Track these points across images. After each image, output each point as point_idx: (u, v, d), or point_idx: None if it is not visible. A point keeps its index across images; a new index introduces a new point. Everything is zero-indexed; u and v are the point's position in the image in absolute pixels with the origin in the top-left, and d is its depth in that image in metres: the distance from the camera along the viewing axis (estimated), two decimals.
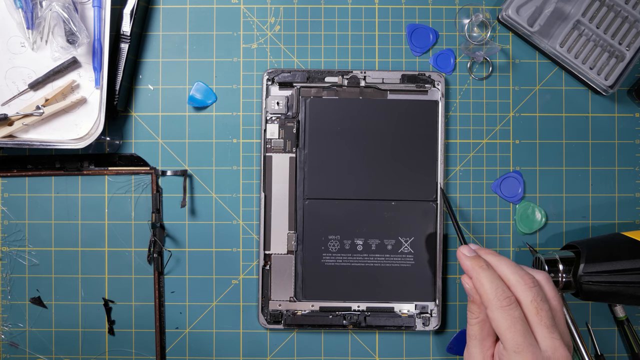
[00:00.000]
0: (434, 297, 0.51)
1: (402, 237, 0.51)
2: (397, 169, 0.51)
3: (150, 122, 0.53)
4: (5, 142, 0.49)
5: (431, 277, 0.51)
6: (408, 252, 0.51)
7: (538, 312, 0.40)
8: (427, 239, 0.51)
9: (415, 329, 0.51)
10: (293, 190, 0.52)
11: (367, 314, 0.52)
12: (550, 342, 0.40)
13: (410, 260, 0.51)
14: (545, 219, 0.53)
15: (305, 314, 0.52)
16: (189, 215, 0.53)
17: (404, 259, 0.51)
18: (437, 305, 0.52)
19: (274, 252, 0.52)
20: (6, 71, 0.51)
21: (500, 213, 0.53)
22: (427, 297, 0.51)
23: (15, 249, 0.53)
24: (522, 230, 0.53)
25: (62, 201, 0.53)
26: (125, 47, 0.51)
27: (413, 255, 0.51)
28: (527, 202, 0.53)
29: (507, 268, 0.42)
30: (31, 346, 0.53)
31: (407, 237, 0.51)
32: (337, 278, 0.51)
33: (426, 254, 0.51)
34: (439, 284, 0.51)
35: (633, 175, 0.54)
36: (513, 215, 0.53)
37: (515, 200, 0.53)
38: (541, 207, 0.53)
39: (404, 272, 0.51)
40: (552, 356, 0.39)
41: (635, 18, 0.51)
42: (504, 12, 0.51)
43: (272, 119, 0.52)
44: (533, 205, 0.53)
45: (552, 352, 0.39)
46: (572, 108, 0.54)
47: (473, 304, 0.43)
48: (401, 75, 0.52)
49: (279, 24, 0.53)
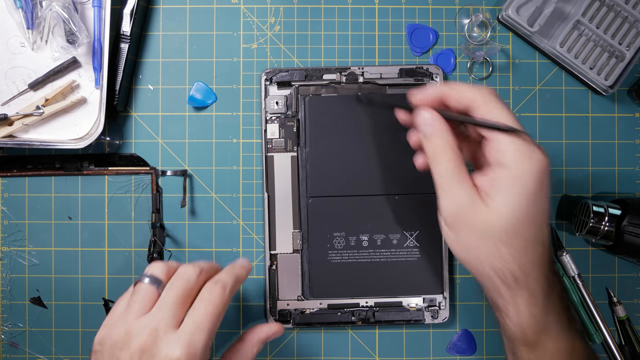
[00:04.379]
0: (442, 289, 0.51)
1: (407, 231, 0.51)
2: (398, 162, 0.51)
3: (150, 122, 0.53)
4: (5, 142, 0.49)
5: (438, 269, 0.51)
6: (414, 246, 0.51)
7: (504, 106, 0.38)
8: (431, 232, 0.51)
9: (424, 322, 0.51)
10: (296, 189, 0.52)
11: (375, 310, 0.52)
12: (524, 135, 0.36)
13: (416, 254, 0.51)
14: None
15: (313, 312, 0.52)
16: (189, 215, 0.53)
17: (410, 253, 0.51)
18: (445, 298, 0.52)
19: (280, 251, 0.52)
20: (6, 71, 0.51)
21: None
22: (434, 290, 0.51)
23: (15, 249, 0.53)
24: None
25: (62, 201, 0.53)
26: (125, 47, 0.51)
27: (419, 248, 0.51)
28: None
29: (463, 86, 0.39)
30: (31, 346, 0.53)
31: (412, 230, 0.51)
32: (344, 275, 0.51)
33: (432, 247, 0.51)
34: (446, 276, 0.51)
35: (633, 175, 0.54)
36: None
37: None
38: None
39: (411, 266, 0.51)
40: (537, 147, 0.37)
41: (635, 18, 0.51)
42: (504, 12, 0.51)
43: (271, 118, 0.52)
44: None
45: (532, 142, 0.37)
46: (572, 108, 0.54)
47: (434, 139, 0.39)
48: (399, 70, 0.52)
49: (279, 24, 0.53)
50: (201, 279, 0.40)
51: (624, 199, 0.50)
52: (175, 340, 0.36)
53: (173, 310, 0.38)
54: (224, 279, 0.40)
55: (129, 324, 0.38)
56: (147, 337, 0.37)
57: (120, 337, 0.37)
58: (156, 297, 0.39)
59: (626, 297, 0.53)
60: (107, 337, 0.38)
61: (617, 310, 0.53)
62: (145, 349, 0.36)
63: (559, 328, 0.38)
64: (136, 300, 0.39)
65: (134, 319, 0.38)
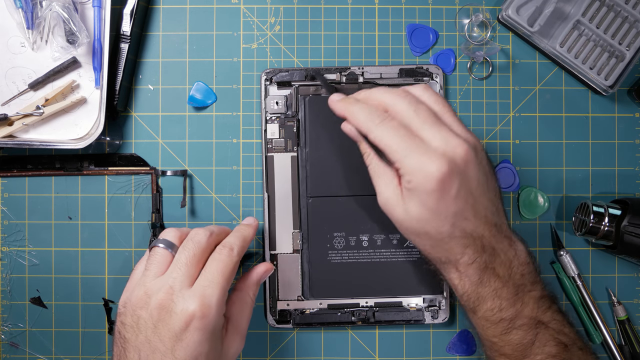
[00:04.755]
0: (442, 289, 0.51)
1: None
2: None
3: (150, 122, 0.53)
4: (5, 142, 0.49)
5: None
6: (414, 246, 0.51)
7: (417, 113, 0.40)
8: None
9: (424, 322, 0.51)
10: (296, 189, 0.52)
11: (375, 310, 0.52)
12: (440, 137, 0.39)
13: (416, 254, 0.51)
14: (548, 204, 0.53)
15: (313, 312, 0.52)
16: (189, 215, 0.53)
17: (410, 253, 0.51)
18: (445, 298, 0.52)
19: (280, 251, 0.52)
20: (6, 71, 0.51)
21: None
22: (434, 290, 0.51)
23: (15, 249, 0.53)
24: (525, 216, 0.53)
25: (62, 201, 0.53)
26: (125, 47, 0.51)
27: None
28: (530, 188, 0.53)
29: (378, 93, 0.42)
30: (31, 346, 0.53)
31: None
32: (344, 275, 0.51)
33: None
34: None
35: (633, 175, 0.54)
36: (514, 204, 0.53)
37: (514, 189, 0.53)
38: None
39: (411, 266, 0.51)
40: (446, 148, 0.39)
41: (635, 18, 0.51)
42: (504, 12, 0.51)
43: (271, 118, 0.52)
44: (535, 190, 0.53)
45: (445, 145, 0.39)
46: (572, 108, 0.54)
47: (362, 143, 0.43)
48: (399, 70, 0.52)
49: (279, 24, 0.53)
50: (212, 241, 0.43)
51: (624, 199, 0.50)
52: (190, 295, 0.40)
53: (186, 269, 0.41)
54: (232, 241, 0.44)
55: (147, 285, 0.41)
56: (164, 295, 0.40)
57: (140, 297, 0.41)
58: (170, 260, 0.42)
59: (626, 297, 0.53)
60: (129, 299, 0.41)
61: (617, 310, 0.53)
62: (163, 306, 0.40)
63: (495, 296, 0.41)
64: (152, 263, 0.42)
65: (151, 280, 0.41)
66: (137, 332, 0.40)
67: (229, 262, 0.42)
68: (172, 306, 0.39)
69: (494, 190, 0.42)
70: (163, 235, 0.44)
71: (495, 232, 0.41)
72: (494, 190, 0.42)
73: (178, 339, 0.39)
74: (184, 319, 0.39)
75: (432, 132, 0.39)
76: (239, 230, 0.46)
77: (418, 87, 0.42)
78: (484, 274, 0.41)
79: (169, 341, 0.39)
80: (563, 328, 0.42)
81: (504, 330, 0.42)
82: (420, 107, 0.40)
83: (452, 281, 0.43)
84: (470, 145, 0.40)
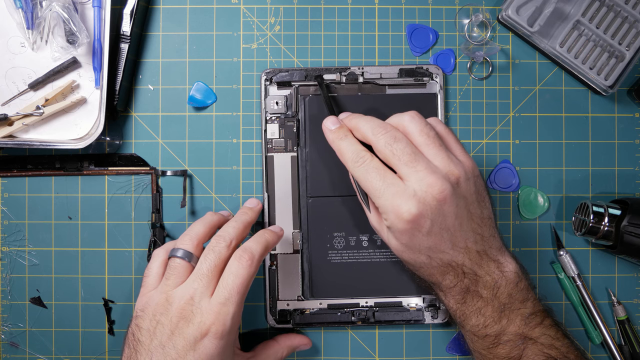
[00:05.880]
0: None
1: None
2: None
3: (150, 122, 0.53)
4: (5, 142, 0.49)
5: None
6: None
7: (393, 152, 0.41)
8: None
9: (424, 322, 0.51)
10: (296, 189, 0.52)
11: (375, 310, 0.52)
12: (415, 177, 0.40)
13: None
14: (548, 204, 0.53)
15: (313, 312, 0.52)
16: (189, 215, 0.53)
17: None
18: None
19: (280, 251, 0.52)
20: (6, 71, 0.51)
21: (500, 212, 0.53)
22: None
23: (15, 249, 0.53)
24: (525, 216, 0.53)
25: (62, 201, 0.53)
26: (125, 47, 0.51)
27: None
28: (530, 188, 0.53)
29: (364, 124, 0.43)
30: (31, 346, 0.53)
31: None
32: (344, 275, 0.51)
33: None
34: None
35: (633, 175, 0.54)
36: (513, 204, 0.53)
37: (513, 189, 0.53)
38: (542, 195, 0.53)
39: None
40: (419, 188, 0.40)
41: (635, 18, 0.51)
42: (504, 12, 0.51)
43: (271, 118, 0.52)
44: (535, 190, 0.53)
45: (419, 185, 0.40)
46: (572, 108, 0.54)
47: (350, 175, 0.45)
48: (399, 70, 0.52)
49: (279, 24, 0.53)
50: (232, 247, 0.44)
51: (624, 199, 0.50)
52: (207, 310, 0.41)
53: (207, 280, 0.42)
54: (254, 248, 0.43)
55: (169, 292, 0.42)
56: (185, 304, 0.41)
57: (161, 304, 0.42)
58: (189, 269, 0.43)
59: (626, 297, 0.53)
60: (148, 304, 0.43)
61: (617, 310, 0.53)
62: (183, 315, 0.41)
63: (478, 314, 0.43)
64: (172, 273, 0.43)
65: (171, 288, 0.42)
66: (152, 337, 0.41)
67: (246, 275, 0.42)
68: (191, 317, 0.41)
69: (479, 218, 0.43)
70: (179, 244, 0.44)
71: (478, 258, 0.42)
72: (479, 218, 0.43)
73: (191, 348, 0.40)
74: (200, 331, 0.40)
75: (408, 171, 0.40)
76: (262, 235, 0.45)
77: (406, 115, 0.43)
78: (466, 295, 0.43)
79: (183, 349, 0.40)
80: (554, 342, 0.43)
81: (490, 344, 0.43)
82: (399, 144, 0.41)
83: (439, 297, 0.45)
84: (452, 178, 0.41)
